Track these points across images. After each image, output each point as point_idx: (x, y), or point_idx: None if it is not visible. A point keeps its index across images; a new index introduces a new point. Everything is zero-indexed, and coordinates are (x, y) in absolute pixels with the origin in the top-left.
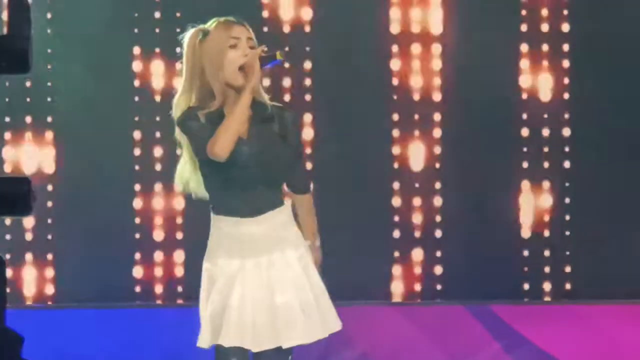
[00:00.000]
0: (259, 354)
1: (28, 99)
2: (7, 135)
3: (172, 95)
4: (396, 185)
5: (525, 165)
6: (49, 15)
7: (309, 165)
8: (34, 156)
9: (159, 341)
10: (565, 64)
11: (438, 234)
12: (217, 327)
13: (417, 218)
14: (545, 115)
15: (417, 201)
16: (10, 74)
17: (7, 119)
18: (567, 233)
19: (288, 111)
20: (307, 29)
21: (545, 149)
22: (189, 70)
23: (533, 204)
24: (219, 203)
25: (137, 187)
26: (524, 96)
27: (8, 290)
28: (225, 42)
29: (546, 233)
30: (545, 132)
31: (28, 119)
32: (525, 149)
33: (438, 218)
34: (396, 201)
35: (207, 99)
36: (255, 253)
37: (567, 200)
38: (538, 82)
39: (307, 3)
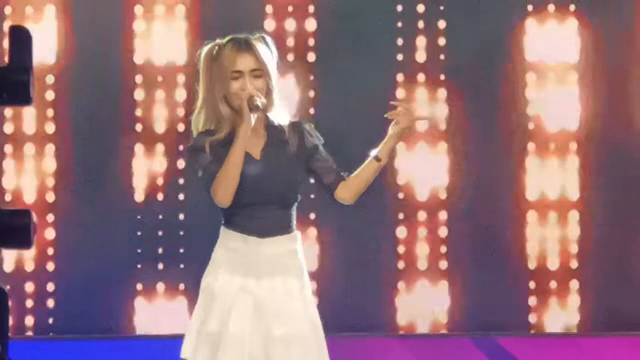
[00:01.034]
0: None
1: None
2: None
3: None
4: (401, 215)
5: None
6: None
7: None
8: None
9: None
10: None
11: (443, 265)
12: (212, 351)
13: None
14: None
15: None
16: (11, 105)
17: None
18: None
19: (304, 123)
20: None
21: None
22: (203, 89)
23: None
24: (228, 218)
25: None
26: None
27: None
28: (228, 73)
29: (553, 265)
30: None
31: None
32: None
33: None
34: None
35: (217, 121)
36: (258, 274)
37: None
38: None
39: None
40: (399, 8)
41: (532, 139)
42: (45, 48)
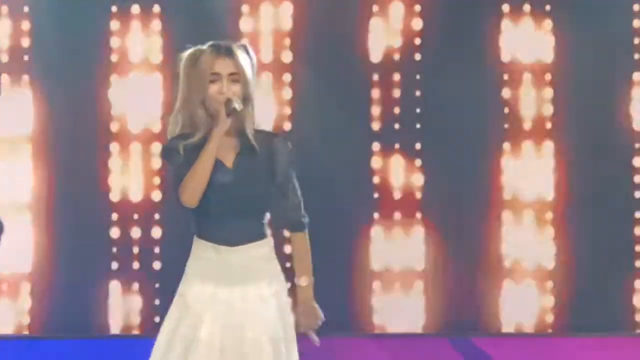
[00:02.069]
0: None
1: None
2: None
3: None
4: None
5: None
6: None
7: None
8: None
9: None
10: None
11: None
12: (184, 353)
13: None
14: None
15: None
16: None
17: None
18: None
19: (277, 136)
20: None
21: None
22: (181, 93)
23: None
24: (199, 228)
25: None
26: None
27: None
28: (206, 76)
29: (529, 266)
30: None
31: None
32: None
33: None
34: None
35: (193, 125)
36: (229, 283)
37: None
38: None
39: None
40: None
41: None
42: None
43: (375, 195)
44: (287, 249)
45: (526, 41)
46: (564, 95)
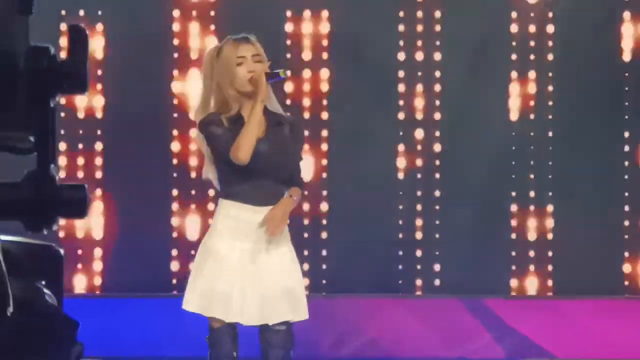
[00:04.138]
0: (264, 330)
1: None
2: None
3: None
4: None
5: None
6: None
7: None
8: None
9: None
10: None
11: (437, 236)
12: (210, 301)
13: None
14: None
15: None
16: (70, 94)
17: None
18: (550, 237)
19: (294, 117)
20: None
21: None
22: (207, 84)
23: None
24: (229, 189)
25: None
26: None
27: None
28: (233, 60)
29: (531, 237)
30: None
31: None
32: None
33: (437, 222)
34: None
35: (224, 107)
36: (252, 238)
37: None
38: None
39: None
40: None
41: None
42: None
43: None
44: None
45: None
46: None
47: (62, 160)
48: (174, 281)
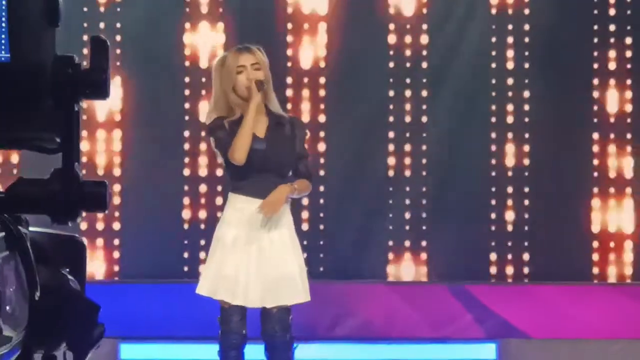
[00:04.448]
0: (265, 313)
1: None
2: None
3: None
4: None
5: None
6: None
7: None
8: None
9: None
10: None
11: (424, 227)
12: (218, 285)
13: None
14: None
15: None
16: (93, 99)
17: None
18: (526, 228)
19: (296, 117)
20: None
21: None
22: (215, 90)
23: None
24: (235, 184)
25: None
26: None
27: None
28: (234, 68)
29: (509, 228)
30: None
31: None
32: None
33: (424, 214)
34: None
35: (230, 111)
36: (256, 227)
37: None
38: None
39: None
40: None
41: None
42: None
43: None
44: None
45: None
46: None
47: (83, 158)
48: (186, 268)
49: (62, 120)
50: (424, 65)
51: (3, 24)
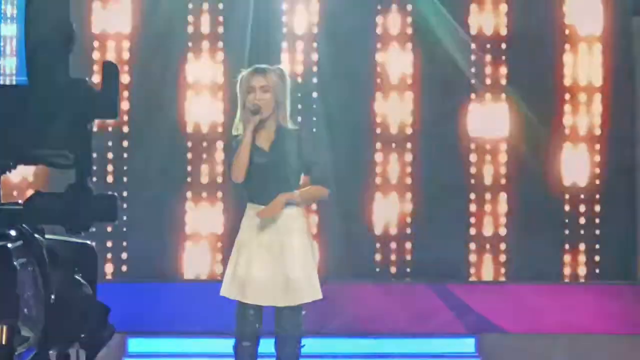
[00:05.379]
0: (278, 310)
1: None
2: None
3: None
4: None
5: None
6: None
7: None
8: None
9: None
10: None
11: (409, 230)
12: (239, 288)
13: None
14: None
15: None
16: (103, 119)
17: None
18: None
19: (304, 129)
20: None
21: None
22: (239, 106)
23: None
24: (249, 195)
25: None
26: None
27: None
28: (245, 89)
29: (488, 232)
30: None
31: None
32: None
33: (408, 219)
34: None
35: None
36: (268, 232)
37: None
38: None
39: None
40: None
41: None
42: None
43: None
44: None
45: None
46: None
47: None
48: (188, 269)
49: (76, 139)
50: None
51: (21, 49)
